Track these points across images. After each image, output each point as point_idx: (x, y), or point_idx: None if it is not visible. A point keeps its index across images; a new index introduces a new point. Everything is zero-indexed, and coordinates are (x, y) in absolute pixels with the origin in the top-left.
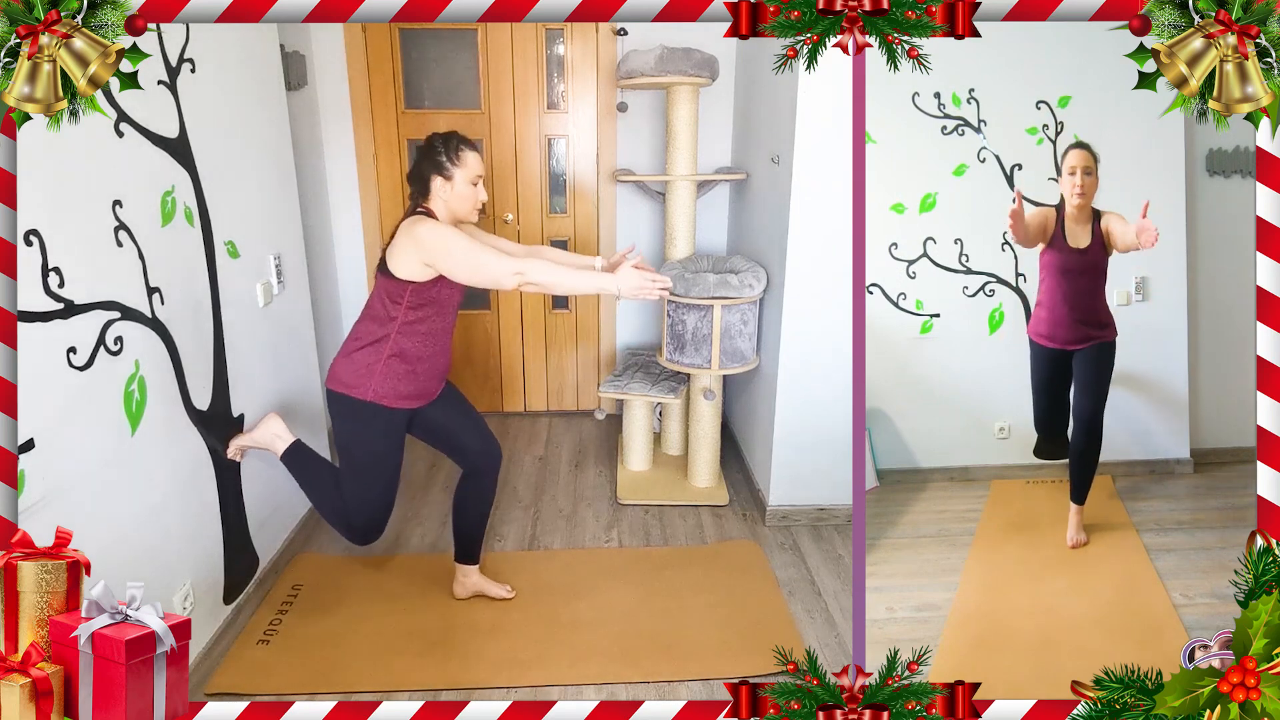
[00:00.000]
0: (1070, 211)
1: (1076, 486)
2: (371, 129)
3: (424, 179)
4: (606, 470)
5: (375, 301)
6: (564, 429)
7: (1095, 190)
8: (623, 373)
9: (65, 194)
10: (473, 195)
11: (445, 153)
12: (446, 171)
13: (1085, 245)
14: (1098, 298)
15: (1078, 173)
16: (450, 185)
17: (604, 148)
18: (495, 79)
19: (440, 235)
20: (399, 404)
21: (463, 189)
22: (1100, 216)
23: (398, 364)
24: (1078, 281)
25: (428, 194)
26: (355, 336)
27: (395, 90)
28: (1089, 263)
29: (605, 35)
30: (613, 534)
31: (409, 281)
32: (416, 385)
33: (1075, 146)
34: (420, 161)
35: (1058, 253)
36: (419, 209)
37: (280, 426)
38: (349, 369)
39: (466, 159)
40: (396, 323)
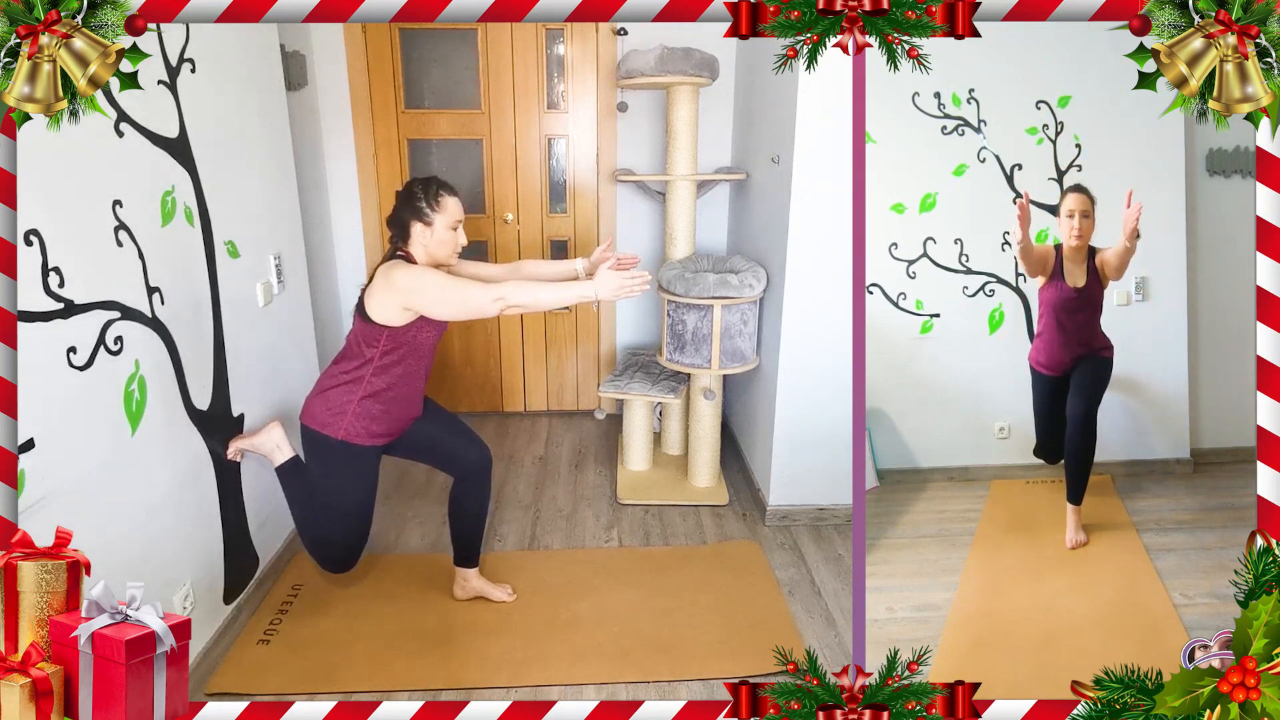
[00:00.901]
0: (1068, 252)
1: (1072, 487)
2: (371, 129)
3: (404, 224)
4: (606, 470)
5: (352, 342)
6: (564, 429)
7: (1092, 232)
8: (623, 373)
9: (65, 194)
10: (452, 240)
11: (425, 199)
12: (426, 218)
13: (1082, 284)
14: (1094, 328)
15: (1076, 216)
16: (430, 230)
17: (604, 148)
18: (495, 79)
19: (416, 279)
20: (371, 442)
21: (443, 234)
22: (1095, 255)
23: (371, 404)
24: (1075, 317)
25: (407, 239)
26: (330, 374)
27: (395, 90)
28: (1086, 300)
29: (605, 35)
30: (613, 534)
31: (385, 326)
32: (389, 425)
33: (1073, 190)
34: (400, 207)
35: (1056, 291)
36: (398, 253)
37: (281, 438)
38: (323, 406)
39: (446, 204)
40: (371, 365)
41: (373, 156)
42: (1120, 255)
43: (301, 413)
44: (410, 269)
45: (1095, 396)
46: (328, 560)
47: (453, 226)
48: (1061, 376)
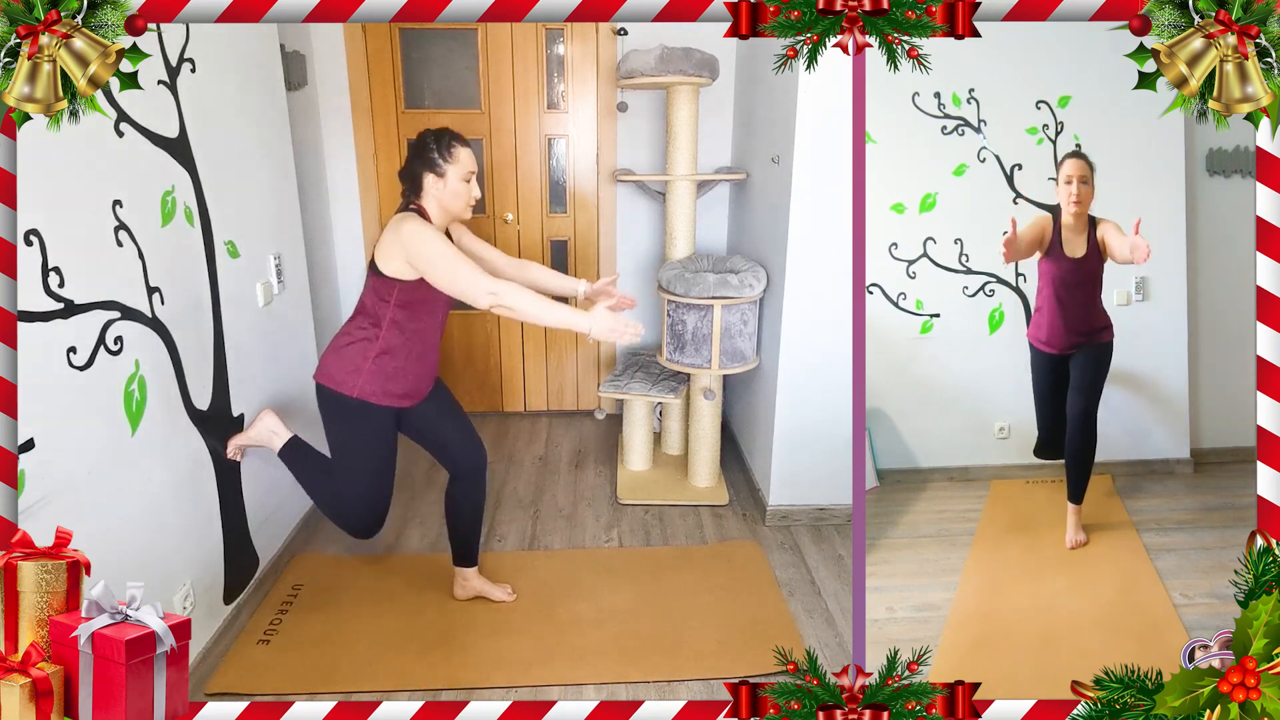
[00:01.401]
0: (1067, 220)
1: (1073, 486)
2: (371, 129)
3: (416, 176)
4: (606, 470)
5: (365, 298)
6: (564, 429)
7: (1091, 199)
8: (623, 373)
9: (65, 194)
10: (466, 192)
11: (438, 149)
12: (439, 168)
13: (1082, 255)
14: (1094, 303)
15: (1074, 182)
16: (443, 182)
17: (604, 148)
18: (495, 79)
19: (423, 238)
20: (387, 402)
21: (456, 185)
22: (1096, 225)
23: (386, 361)
24: (1074, 290)
25: (420, 191)
26: (345, 332)
27: (395, 90)
28: (1086, 272)
29: (605, 35)
30: (613, 534)
31: (396, 280)
32: (405, 384)
33: (1071, 156)
34: (412, 159)
35: (1055, 262)
36: (410, 206)
37: (276, 423)
38: (338, 364)
39: (459, 155)
40: (385, 321)
41: (373, 156)
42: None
43: (317, 371)
44: (420, 226)
45: (1095, 393)
46: (353, 525)
47: (465, 178)
48: (1061, 355)
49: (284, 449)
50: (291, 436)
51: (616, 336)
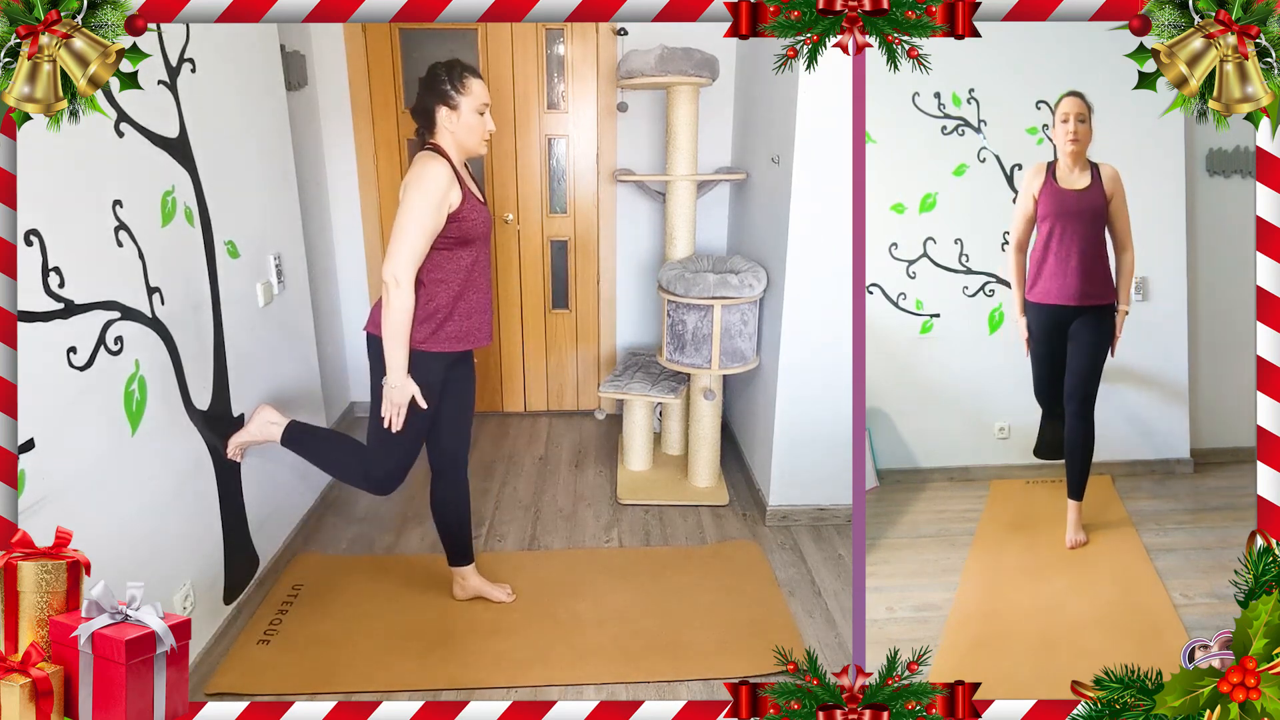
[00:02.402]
0: (1064, 160)
1: (1073, 482)
2: (371, 129)
3: (428, 111)
4: (606, 470)
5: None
6: (564, 429)
7: (1090, 139)
8: (623, 373)
9: (65, 194)
10: (480, 125)
11: (449, 81)
12: (452, 100)
13: (1084, 185)
14: (1099, 251)
15: (1070, 119)
16: (456, 115)
17: (604, 148)
18: (495, 79)
19: (417, 183)
20: (439, 348)
21: (469, 118)
22: (1099, 168)
23: (431, 306)
24: (1077, 225)
25: (433, 127)
26: None
27: (395, 90)
28: (1088, 204)
29: (605, 35)
30: (613, 534)
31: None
32: (456, 326)
33: (1069, 94)
34: (423, 93)
35: (1052, 196)
36: (426, 145)
37: (273, 414)
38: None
39: (472, 86)
40: (426, 264)
41: (373, 156)
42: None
43: (367, 322)
44: (427, 170)
45: (1094, 370)
46: (375, 478)
47: (479, 110)
48: (1062, 311)
49: (284, 435)
50: (290, 422)
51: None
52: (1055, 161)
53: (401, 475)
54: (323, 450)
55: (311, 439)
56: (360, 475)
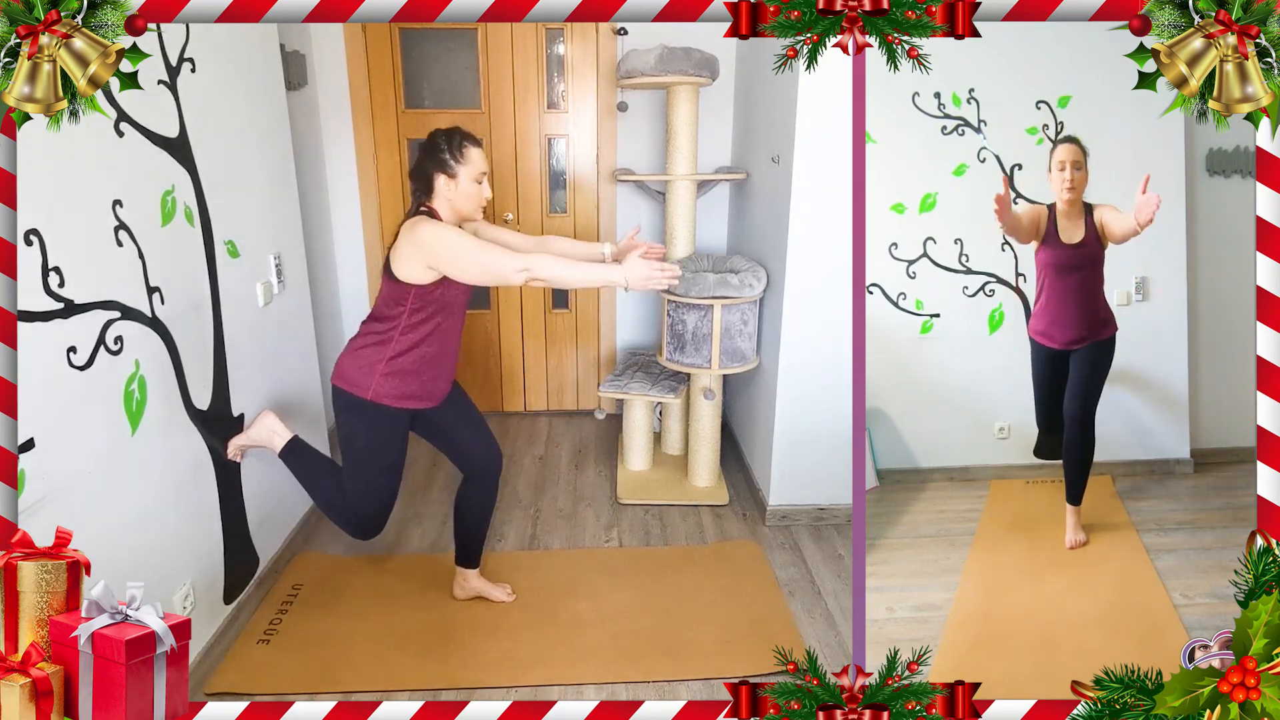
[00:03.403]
0: (1061, 207)
1: (1071, 488)
2: (371, 128)
3: (427, 177)
4: (606, 470)
5: (380, 303)
6: (564, 429)
7: (1085, 185)
8: (623, 372)
9: (65, 194)
10: (478, 193)
11: (449, 149)
12: (450, 169)
13: (1079, 239)
14: (1096, 294)
15: (1067, 167)
16: (455, 183)
17: (604, 147)
18: (495, 79)
19: (443, 237)
20: (401, 404)
21: (467, 186)
22: (1093, 210)
23: (401, 363)
24: (1074, 277)
25: (431, 192)
26: (361, 334)
27: (395, 90)
28: (1085, 257)
29: (605, 35)
30: (613, 534)
31: (411, 284)
32: (420, 385)
33: (1063, 141)
34: (423, 159)
35: (1052, 249)
36: (421, 208)
37: (276, 423)
38: (354, 366)
39: (471, 155)
40: (400, 325)
41: (373, 156)
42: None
43: (333, 373)
44: (435, 226)
45: (1094, 392)
46: (355, 526)
47: (477, 179)
48: (1062, 351)
49: (284, 450)
50: (292, 437)
51: (653, 284)
52: (1054, 207)
53: (380, 522)
54: (316, 477)
55: (309, 462)
56: (343, 517)
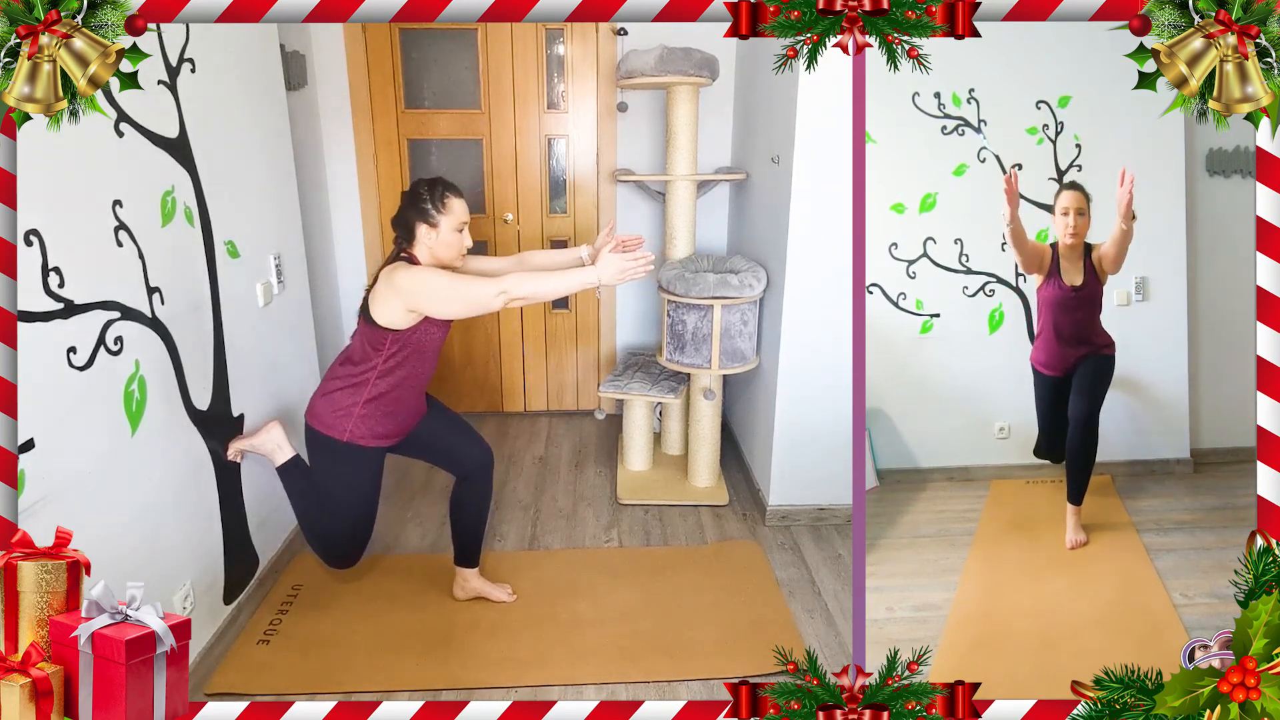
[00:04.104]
0: (1064, 250)
1: (1073, 488)
2: (371, 129)
3: (409, 225)
4: (606, 470)
5: (356, 345)
6: (564, 429)
7: (1088, 230)
8: (623, 373)
9: (65, 194)
10: (458, 242)
11: (430, 199)
12: (432, 219)
13: (1080, 283)
14: (1094, 325)
15: (1070, 214)
16: (436, 232)
17: (604, 148)
18: (495, 79)
19: (418, 279)
20: (376, 444)
21: (448, 236)
22: (1091, 251)
23: (375, 407)
24: (1074, 316)
25: (412, 240)
26: (335, 376)
27: (395, 90)
28: (1084, 298)
29: (605, 35)
30: (613, 534)
31: (389, 329)
32: (393, 425)
33: (1067, 188)
34: (405, 208)
35: (1055, 290)
36: (401, 255)
37: (282, 437)
38: (328, 408)
39: (452, 206)
40: (376, 368)
41: (373, 156)
42: (1117, 244)
43: (306, 412)
44: (412, 270)
45: (1097, 397)
46: (331, 556)
47: (458, 229)
48: (1063, 377)
49: (284, 466)
50: (294, 455)
51: (629, 275)
52: (1056, 249)
53: (356, 554)
54: (306, 501)
55: (303, 485)
56: (321, 545)
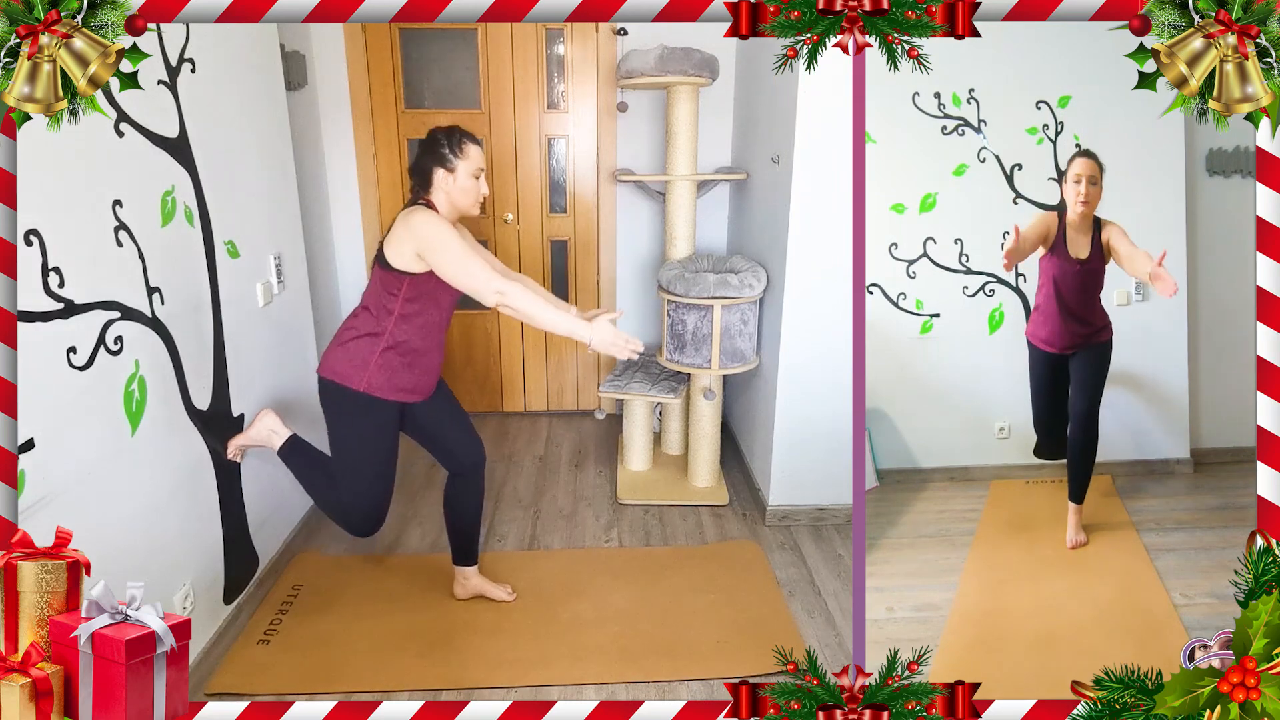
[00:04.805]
0: (1072, 219)
1: (1074, 485)
2: (371, 129)
3: (425, 172)
4: (606, 470)
5: (370, 293)
6: (564, 429)
7: (1099, 200)
8: (623, 372)
9: (65, 194)
10: (475, 188)
11: (448, 145)
12: (449, 163)
13: (1085, 256)
14: (1095, 303)
15: (1083, 181)
16: (453, 177)
17: (604, 148)
18: (495, 79)
19: (436, 229)
20: (393, 396)
21: (465, 181)
22: (1101, 226)
23: (393, 356)
24: (1076, 290)
25: (429, 186)
26: (350, 326)
27: (395, 90)
28: (1088, 271)
29: (605, 35)
30: (613, 534)
31: (405, 273)
32: (412, 379)
33: (1081, 155)
34: (422, 155)
35: (1058, 261)
36: (419, 200)
37: (275, 422)
38: (344, 358)
39: (469, 151)
40: (393, 315)
41: (373, 156)
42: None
43: (320, 366)
44: (430, 217)
45: (1097, 393)
46: (354, 523)
47: (475, 174)
48: (1060, 355)
49: (283, 448)
50: (291, 435)
51: (616, 350)
52: (1064, 214)
53: (378, 518)
54: (314, 477)
55: (308, 461)
56: (341, 515)
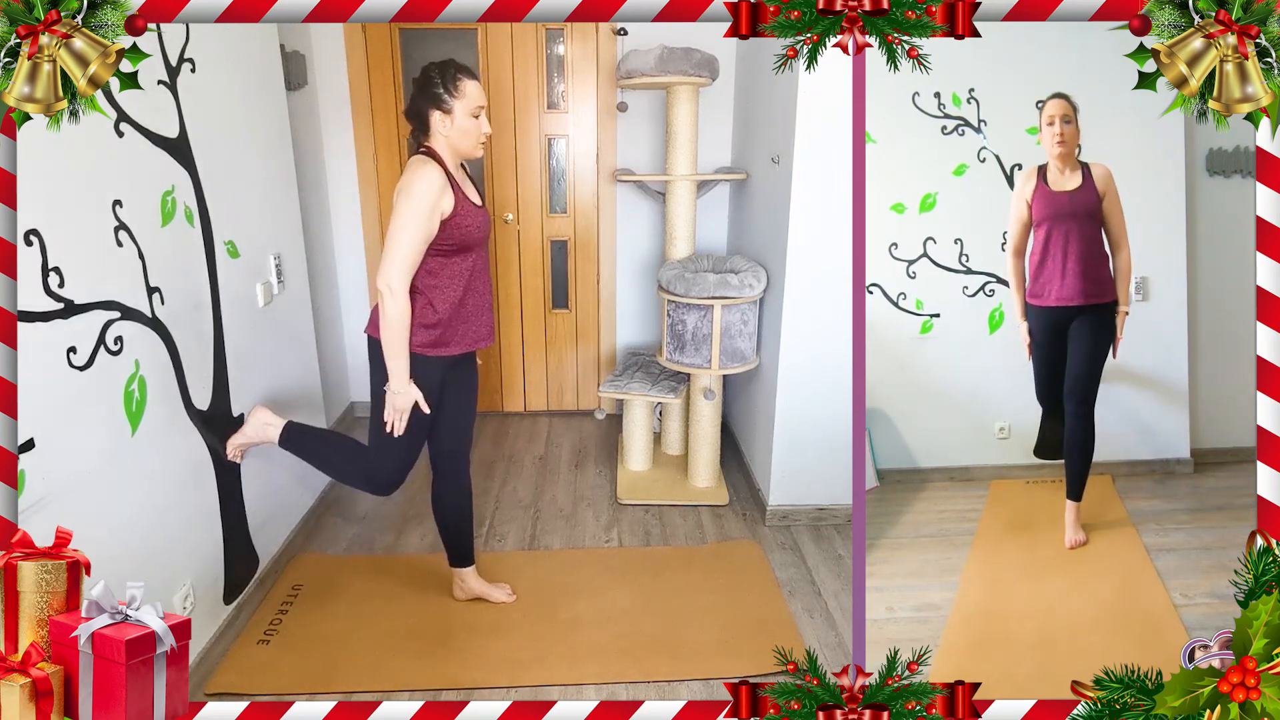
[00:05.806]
0: (1053, 163)
1: (1072, 482)
2: (371, 129)
3: (422, 115)
4: (606, 470)
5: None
6: (564, 429)
7: (1077, 140)
8: (623, 373)
9: (65, 194)
10: (475, 128)
11: (442, 83)
12: (445, 105)
13: (1075, 186)
14: (1095, 250)
15: (1056, 121)
16: (450, 119)
17: (604, 148)
18: (495, 79)
19: (410, 187)
20: (434, 353)
21: (464, 122)
22: (1090, 168)
23: (430, 313)
24: (1070, 226)
25: (427, 131)
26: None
27: (395, 90)
28: (1080, 203)
29: (605, 35)
30: (613, 534)
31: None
32: (457, 330)
33: (1054, 96)
34: (416, 96)
35: (1045, 200)
36: (421, 149)
37: (268, 415)
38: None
39: (465, 89)
40: (422, 270)
41: (373, 156)
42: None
43: (367, 324)
44: (420, 175)
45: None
46: (377, 480)
47: (474, 113)
48: (1061, 312)
49: (282, 436)
50: (286, 423)
51: (391, 417)
52: (1046, 165)
53: (402, 476)
54: (321, 451)
55: (309, 439)
56: (360, 476)
